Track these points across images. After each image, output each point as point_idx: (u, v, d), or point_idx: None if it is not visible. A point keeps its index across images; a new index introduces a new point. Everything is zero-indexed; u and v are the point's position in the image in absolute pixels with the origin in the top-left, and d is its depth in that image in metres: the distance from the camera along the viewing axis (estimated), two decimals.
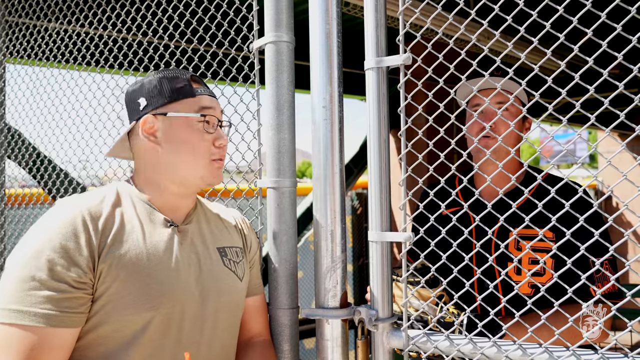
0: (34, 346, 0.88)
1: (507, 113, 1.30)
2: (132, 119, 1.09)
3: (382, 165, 1.09)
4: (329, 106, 1.15)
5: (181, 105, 1.07)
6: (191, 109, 1.07)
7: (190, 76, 1.11)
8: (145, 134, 1.06)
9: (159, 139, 1.06)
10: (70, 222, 0.95)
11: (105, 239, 0.97)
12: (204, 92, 1.10)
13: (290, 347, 1.25)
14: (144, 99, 1.07)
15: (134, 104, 1.08)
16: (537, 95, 0.93)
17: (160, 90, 1.07)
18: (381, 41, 1.10)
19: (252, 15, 1.34)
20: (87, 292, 0.93)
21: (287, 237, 1.25)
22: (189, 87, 1.08)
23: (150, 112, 1.06)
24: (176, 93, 1.07)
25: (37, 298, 0.89)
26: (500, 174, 1.31)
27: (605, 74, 0.85)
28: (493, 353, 0.98)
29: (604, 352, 0.90)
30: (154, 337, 0.98)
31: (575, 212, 0.90)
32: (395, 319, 1.10)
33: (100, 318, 0.94)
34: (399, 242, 1.06)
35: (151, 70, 1.63)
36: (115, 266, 0.95)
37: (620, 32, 0.83)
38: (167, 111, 1.06)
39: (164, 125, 1.06)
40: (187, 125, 1.06)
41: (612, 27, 0.83)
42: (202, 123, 1.07)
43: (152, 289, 0.98)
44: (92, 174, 2.17)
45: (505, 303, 0.98)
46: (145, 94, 1.07)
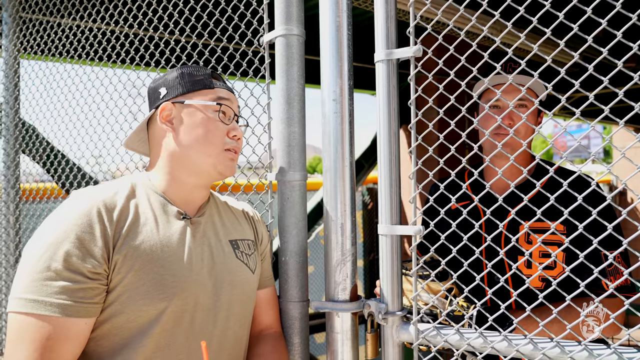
0: (50, 336, 0.89)
1: (524, 109, 1.29)
2: (151, 107, 1.13)
3: (392, 159, 1.09)
4: (339, 99, 1.15)
5: (199, 95, 1.11)
6: (208, 98, 1.11)
7: (210, 71, 1.15)
8: (163, 120, 1.10)
9: (175, 126, 1.09)
10: (86, 213, 0.96)
11: (120, 230, 0.98)
12: (221, 86, 1.14)
13: (300, 340, 1.25)
14: (165, 88, 1.12)
15: (155, 93, 1.14)
16: (549, 87, 0.92)
17: (180, 80, 1.11)
18: (391, 33, 1.09)
19: (262, 9, 1.34)
20: (102, 282, 0.94)
21: (297, 231, 1.25)
22: (207, 79, 1.13)
23: (170, 100, 1.10)
24: (195, 84, 1.11)
25: (53, 288, 0.90)
26: (511, 168, 1.30)
27: (620, 65, 0.83)
28: (504, 347, 0.98)
29: (616, 346, 0.89)
30: (167, 328, 0.99)
31: (587, 205, 0.89)
32: (404, 313, 1.10)
33: (114, 308, 0.95)
34: (409, 235, 1.05)
35: (162, 66, 1.64)
36: (130, 257, 0.97)
37: (636, 22, 0.82)
38: (185, 99, 1.10)
39: (181, 112, 1.10)
40: (203, 112, 1.10)
41: (627, 17, 0.82)
42: (218, 112, 1.10)
43: (165, 280, 0.99)
44: (105, 169, 2.19)
45: (516, 295, 0.97)
46: (165, 84, 1.13)
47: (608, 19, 0.84)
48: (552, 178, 1.24)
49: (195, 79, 1.12)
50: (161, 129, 1.10)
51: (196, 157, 1.08)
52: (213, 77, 1.15)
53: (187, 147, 1.08)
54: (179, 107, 1.10)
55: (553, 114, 0.94)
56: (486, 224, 1.32)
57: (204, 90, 1.11)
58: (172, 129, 1.09)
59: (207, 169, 1.10)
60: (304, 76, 1.27)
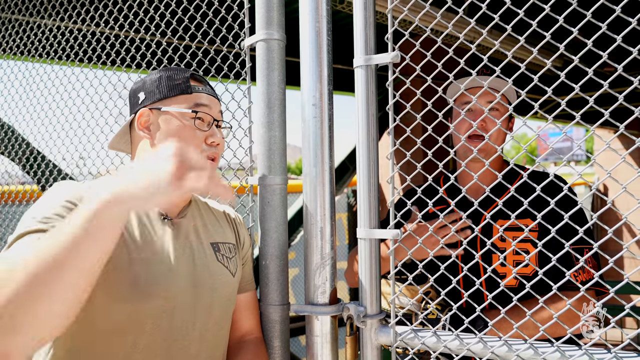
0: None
1: (496, 113, 1.31)
2: (131, 112, 1.13)
3: (370, 163, 1.10)
4: (318, 104, 1.16)
5: (176, 100, 1.10)
6: (185, 104, 1.09)
7: (190, 74, 1.13)
8: (140, 127, 1.09)
9: (152, 132, 1.09)
10: (76, 192, 0.96)
11: None
12: (202, 90, 1.12)
13: (280, 344, 1.26)
14: (143, 93, 1.11)
15: (135, 97, 1.13)
16: (523, 94, 0.94)
17: (158, 85, 1.10)
18: (370, 39, 1.10)
19: (243, 13, 1.34)
20: None
21: (278, 234, 1.25)
22: (185, 84, 1.11)
23: (147, 105, 1.09)
24: (172, 89, 1.10)
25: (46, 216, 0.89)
26: (485, 173, 1.32)
27: (590, 72, 0.85)
28: (479, 349, 0.99)
29: (587, 348, 0.91)
30: (146, 328, 0.98)
31: (556, 202, 0.92)
32: (383, 316, 1.11)
33: (91, 306, 0.94)
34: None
35: (144, 68, 1.63)
36: (109, 258, 0.96)
37: (605, 32, 0.84)
38: (162, 106, 1.09)
39: (157, 119, 1.09)
40: (179, 120, 1.08)
41: (597, 26, 0.84)
42: (194, 119, 1.08)
43: (144, 280, 0.99)
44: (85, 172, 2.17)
45: (486, 297, 0.99)
46: (144, 88, 1.12)
47: (579, 28, 0.86)
48: (525, 181, 1.27)
49: (173, 83, 1.10)
50: (139, 135, 1.10)
51: None
52: (195, 79, 1.13)
53: None
54: (156, 113, 1.09)
55: (527, 119, 0.95)
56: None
57: (181, 96, 1.10)
58: (149, 135, 1.08)
59: None
60: (285, 80, 1.28)
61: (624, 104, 0.83)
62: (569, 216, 0.90)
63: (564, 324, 0.94)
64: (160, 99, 1.09)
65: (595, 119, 6.16)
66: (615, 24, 0.87)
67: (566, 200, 0.92)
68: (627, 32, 0.82)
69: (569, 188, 0.95)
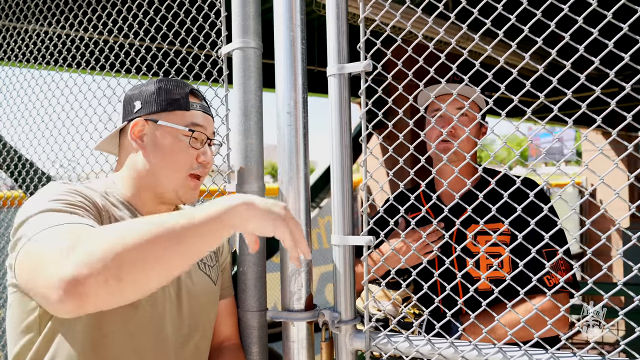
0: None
1: (465, 118, 1.34)
2: (125, 119, 1.12)
3: (344, 170, 1.11)
4: (293, 112, 1.17)
5: (173, 116, 1.09)
6: (182, 121, 1.09)
7: (189, 90, 1.13)
8: (134, 136, 1.08)
9: (145, 144, 1.08)
10: (72, 188, 0.96)
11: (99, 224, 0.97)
12: (199, 108, 1.13)
13: (259, 349, 1.26)
14: (140, 102, 1.10)
15: (130, 105, 1.12)
16: (490, 102, 0.96)
17: (157, 97, 1.09)
18: (343, 48, 1.12)
19: (220, 21, 1.35)
20: None
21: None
22: (184, 100, 1.11)
23: (143, 116, 1.09)
24: (171, 103, 1.09)
25: (57, 203, 0.89)
26: (458, 178, 1.34)
27: (583, 78, 0.86)
28: (450, 353, 1.01)
29: (553, 351, 0.93)
30: (136, 336, 0.99)
31: (526, 206, 0.93)
32: (357, 321, 1.13)
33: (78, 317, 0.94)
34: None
35: (123, 73, 1.64)
36: None
37: (597, 37, 0.85)
38: (159, 119, 1.08)
39: (152, 131, 1.08)
40: (174, 136, 1.08)
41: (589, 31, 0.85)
42: (189, 137, 1.09)
43: None
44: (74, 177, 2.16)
45: (465, 301, 1.00)
46: (141, 97, 1.10)
47: (580, 20, 0.87)
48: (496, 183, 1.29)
49: (172, 97, 1.10)
50: (130, 144, 1.09)
51: (160, 179, 1.08)
52: (192, 95, 1.13)
53: (153, 168, 1.08)
54: (152, 125, 1.08)
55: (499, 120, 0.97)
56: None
57: (179, 112, 1.09)
58: (141, 146, 1.08)
59: (169, 194, 1.10)
60: (262, 88, 1.29)
61: (617, 109, 0.84)
62: (538, 220, 0.92)
63: (533, 327, 0.96)
64: (157, 112, 1.08)
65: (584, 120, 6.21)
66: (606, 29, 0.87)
67: (534, 204, 0.94)
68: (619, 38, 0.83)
69: (538, 192, 0.96)
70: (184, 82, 1.15)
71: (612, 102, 0.84)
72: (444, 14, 1.00)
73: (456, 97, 0.99)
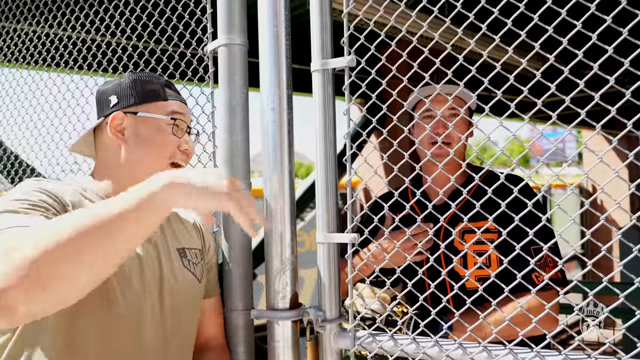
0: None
1: (455, 118, 1.32)
2: (100, 115, 1.10)
3: (328, 166, 1.10)
4: (277, 108, 1.16)
5: (152, 107, 1.09)
6: (162, 111, 1.09)
7: (164, 81, 1.13)
8: (113, 131, 1.07)
9: (126, 137, 1.07)
10: (38, 187, 0.94)
11: None
12: (175, 98, 1.13)
13: (245, 349, 1.25)
14: (115, 96, 1.09)
15: (105, 101, 1.10)
16: (474, 97, 0.94)
17: (133, 90, 1.09)
18: (326, 43, 1.10)
19: (206, 18, 1.34)
20: None
21: (241, 239, 1.24)
22: (161, 91, 1.11)
23: (121, 109, 1.07)
24: (148, 95, 1.09)
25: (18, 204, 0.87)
26: (445, 176, 1.33)
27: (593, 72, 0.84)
28: (435, 352, 0.99)
29: (538, 349, 0.91)
30: (114, 335, 0.97)
31: (511, 203, 0.92)
32: (342, 320, 1.11)
33: (57, 314, 0.93)
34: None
35: (110, 72, 1.63)
36: None
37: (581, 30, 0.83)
38: (138, 110, 1.08)
39: (132, 123, 1.07)
40: (156, 126, 1.08)
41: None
42: (171, 126, 1.09)
43: (111, 285, 0.98)
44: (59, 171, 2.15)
45: (451, 300, 0.99)
46: (117, 92, 1.09)
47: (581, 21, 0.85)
48: (483, 181, 1.28)
49: (148, 88, 1.09)
50: (110, 139, 1.08)
51: (143, 170, 1.06)
52: (167, 86, 1.13)
53: (136, 160, 1.07)
54: (131, 117, 1.07)
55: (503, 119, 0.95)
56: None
57: (158, 102, 1.09)
58: (122, 139, 1.07)
59: None
60: (247, 85, 1.28)
61: (617, 116, 0.82)
62: (525, 217, 0.90)
63: (518, 325, 0.94)
64: (135, 104, 1.08)
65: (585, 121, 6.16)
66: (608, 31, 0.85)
67: (520, 200, 0.92)
68: (620, 42, 0.81)
69: (522, 188, 0.95)
70: (157, 74, 1.15)
71: (612, 109, 0.81)
72: (429, 9, 0.99)
73: (448, 98, 0.98)
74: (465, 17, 0.93)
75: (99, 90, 1.13)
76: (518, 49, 0.89)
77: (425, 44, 0.99)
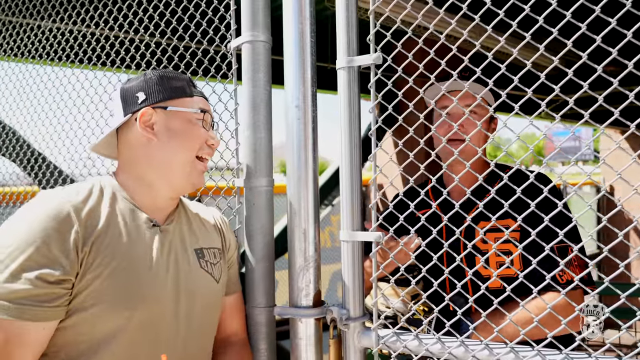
0: (7, 340, 0.88)
1: (475, 115, 1.31)
2: (127, 112, 1.10)
3: (353, 165, 1.10)
4: (301, 106, 1.15)
5: (180, 102, 1.11)
6: (190, 106, 1.11)
7: (188, 78, 1.15)
8: (143, 126, 1.07)
9: (156, 131, 1.08)
10: (54, 216, 0.94)
11: (89, 236, 0.97)
12: (199, 94, 1.15)
13: (267, 346, 1.25)
14: (143, 93, 1.10)
15: (132, 97, 1.10)
16: (503, 95, 0.93)
17: (160, 86, 1.10)
18: (352, 41, 1.10)
19: (229, 15, 1.34)
20: (66, 287, 0.93)
21: (263, 236, 1.25)
22: (187, 87, 1.13)
23: (150, 105, 1.08)
24: (176, 91, 1.11)
25: (12, 291, 0.89)
26: (467, 174, 1.32)
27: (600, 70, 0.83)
28: (461, 353, 0.99)
29: (568, 352, 0.90)
30: (132, 337, 0.98)
31: (538, 203, 0.91)
32: (366, 319, 1.11)
33: (78, 315, 0.94)
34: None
35: (133, 69, 1.64)
36: (97, 264, 0.96)
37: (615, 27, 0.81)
38: (168, 106, 1.09)
39: (162, 118, 1.08)
40: (186, 120, 1.10)
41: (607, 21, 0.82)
42: (200, 120, 1.11)
43: (132, 288, 0.99)
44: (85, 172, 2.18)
45: (471, 301, 0.98)
46: (144, 88, 1.10)
47: (587, 23, 0.84)
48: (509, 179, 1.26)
49: (175, 84, 1.11)
50: (139, 135, 1.08)
51: (174, 164, 1.08)
52: (191, 83, 1.15)
53: (168, 154, 1.08)
54: (161, 112, 1.08)
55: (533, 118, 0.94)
56: (447, 230, 1.34)
57: (185, 98, 1.11)
58: (152, 134, 1.07)
59: (181, 179, 1.10)
60: (270, 82, 1.28)
61: (635, 102, 0.81)
62: (552, 217, 0.89)
63: (545, 325, 0.93)
64: (164, 99, 1.09)
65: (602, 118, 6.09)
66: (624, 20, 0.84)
67: (548, 200, 0.91)
68: (637, 29, 0.80)
69: (551, 188, 0.93)
70: (179, 72, 1.17)
71: (630, 95, 0.80)
72: (456, 7, 0.97)
73: (464, 93, 0.97)
74: (492, 15, 0.92)
75: (123, 87, 1.13)
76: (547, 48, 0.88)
77: (446, 41, 0.98)
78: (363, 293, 1.12)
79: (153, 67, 1.50)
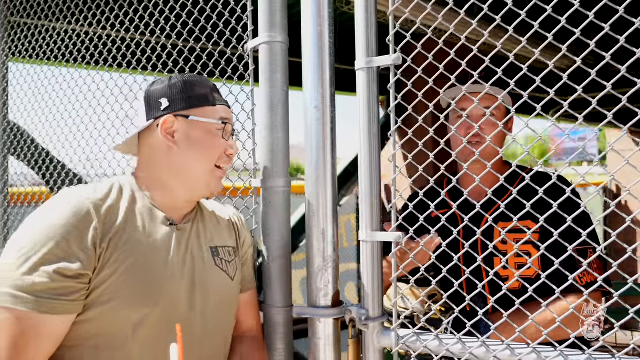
0: (24, 332, 0.89)
1: (493, 117, 1.31)
2: (150, 117, 1.11)
3: (372, 165, 1.10)
4: (320, 107, 1.16)
5: (203, 111, 1.11)
6: (212, 116, 1.11)
7: (212, 85, 1.16)
8: (164, 133, 1.08)
9: (177, 140, 1.09)
10: (74, 213, 0.96)
11: (107, 233, 0.98)
12: (222, 103, 1.16)
13: (284, 346, 1.25)
14: (166, 99, 1.10)
15: (155, 103, 1.11)
16: (525, 95, 0.93)
17: (184, 94, 1.10)
18: (371, 42, 1.10)
19: (246, 16, 1.35)
20: (83, 281, 0.94)
21: (281, 235, 1.25)
22: (210, 95, 1.13)
23: (172, 113, 1.09)
24: (199, 99, 1.11)
25: (31, 284, 0.90)
26: (487, 175, 1.32)
27: (624, 70, 0.83)
28: (482, 353, 0.99)
29: (591, 352, 0.90)
30: (149, 333, 0.99)
31: (559, 204, 0.91)
32: (385, 319, 1.11)
33: (95, 310, 0.95)
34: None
35: (149, 70, 1.65)
36: (115, 260, 0.97)
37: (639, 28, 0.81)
38: (190, 114, 1.09)
39: (184, 127, 1.09)
40: (206, 130, 1.10)
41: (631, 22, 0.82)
42: (221, 131, 1.12)
43: (149, 285, 1.00)
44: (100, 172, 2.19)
45: (492, 301, 0.98)
46: (167, 95, 1.11)
47: (611, 24, 0.84)
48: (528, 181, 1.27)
49: (199, 92, 1.11)
50: (160, 141, 1.09)
51: (193, 172, 1.10)
52: (215, 90, 1.15)
53: (187, 163, 1.09)
54: (182, 121, 1.09)
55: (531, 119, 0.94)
56: (464, 230, 1.33)
57: (208, 107, 1.11)
58: (173, 142, 1.09)
59: (200, 187, 1.12)
60: (288, 82, 1.28)
61: (628, 105, 0.82)
62: (573, 218, 0.89)
63: (567, 326, 0.93)
64: (186, 108, 1.10)
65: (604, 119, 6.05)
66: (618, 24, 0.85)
67: (569, 201, 0.91)
68: (630, 33, 0.81)
69: (572, 190, 0.93)
70: (204, 77, 1.17)
71: (623, 98, 0.80)
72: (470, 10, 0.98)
73: (483, 96, 0.97)
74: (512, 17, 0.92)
75: (148, 91, 1.14)
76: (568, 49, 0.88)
77: (457, 42, 0.98)
78: (382, 293, 1.12)
79: (178, 72, 1.51)
